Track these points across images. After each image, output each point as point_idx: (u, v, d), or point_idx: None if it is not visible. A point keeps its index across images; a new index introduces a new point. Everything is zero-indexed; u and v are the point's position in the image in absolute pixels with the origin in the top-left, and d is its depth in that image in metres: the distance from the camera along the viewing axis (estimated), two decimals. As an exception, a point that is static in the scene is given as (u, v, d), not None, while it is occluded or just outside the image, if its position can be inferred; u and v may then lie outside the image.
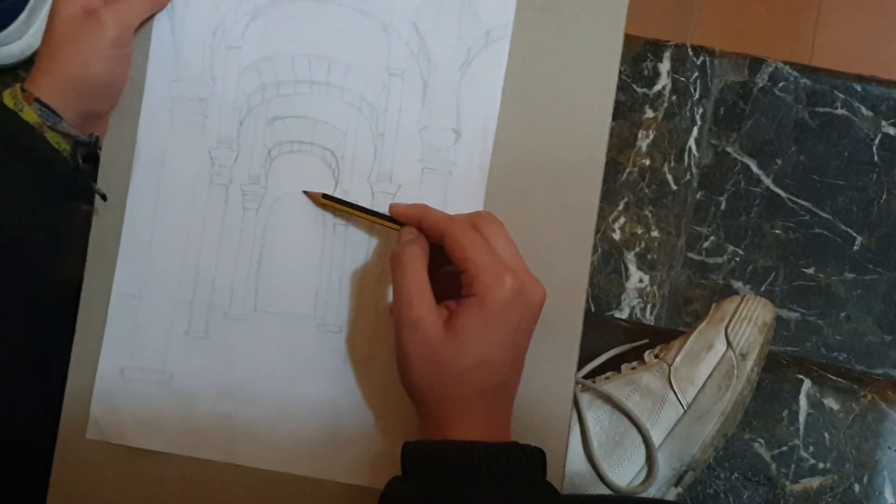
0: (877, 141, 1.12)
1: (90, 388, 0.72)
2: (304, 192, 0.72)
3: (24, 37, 1.16)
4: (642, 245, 1.12)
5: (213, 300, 0.72)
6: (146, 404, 0.72)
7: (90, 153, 0.72)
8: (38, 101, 0.67)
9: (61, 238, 0.73)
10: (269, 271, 0.72)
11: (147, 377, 0.72)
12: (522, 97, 0.72)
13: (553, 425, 0.69)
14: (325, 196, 0.71)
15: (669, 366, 0.84)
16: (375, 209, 0.71)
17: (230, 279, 0.72)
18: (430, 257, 0.67)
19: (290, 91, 0.73)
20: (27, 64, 1.18)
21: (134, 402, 0.72)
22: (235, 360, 0.72)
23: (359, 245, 0.72)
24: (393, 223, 0.70)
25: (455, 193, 0.72)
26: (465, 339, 0.62)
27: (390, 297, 0.72)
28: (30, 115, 0.67)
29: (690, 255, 1.12)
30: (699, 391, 0.83)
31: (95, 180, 0.72)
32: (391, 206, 0.71)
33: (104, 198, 0.72)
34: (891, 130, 1.12)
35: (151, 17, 0.73)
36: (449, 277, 0.66)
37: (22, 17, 1.15)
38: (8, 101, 0.68)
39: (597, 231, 0.74)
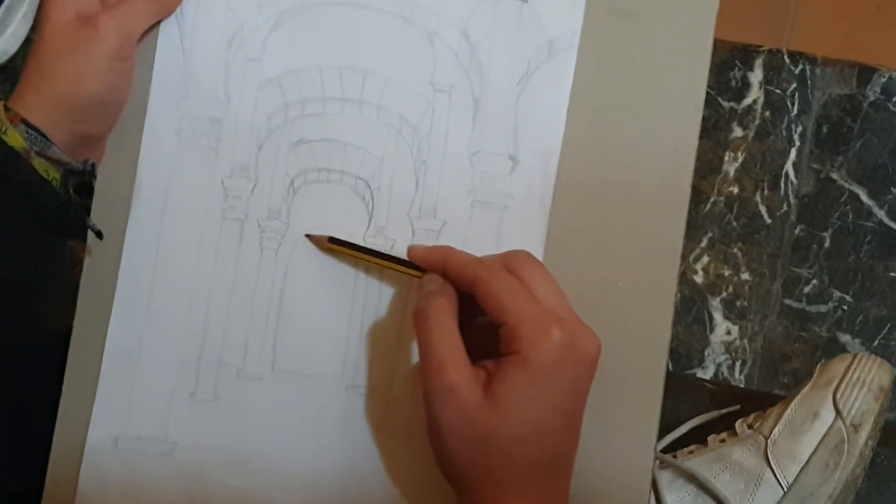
0: None
1: (78, 460, 0.72)
2: (307, 237, 0.73)
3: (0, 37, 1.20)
4: (730, 290, 1.12)
5: (223, 357, 0.73)
6: (144, 479, 0.72)
7: (84, 183, 0.72)
8: (24, 122, 0.68)
9: (48, 281, 0.73)
10: (289, 323, 0.73)
11: (145, 447, 0.72)
12: (592, 117, 0.72)
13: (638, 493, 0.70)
14: (331, 240, 0.72)
15: (766, 438, 0.84)
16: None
17: (244, 333, 0.73)
18: (460, 309, 0.67)
19: (317, 110, 0.74)
20: (2, 70, 1.21)
21: (130, 476, 0.72)
22: (249, 427, 0.72)
23: (398, 293, 0.73)
24: (413, 269, 0.70)
25: (511, 231, 0.72)
26: (509, 407, 0.62)
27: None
28: (15, 138, 0.68)
29: (788, 301, 1.13)
30: (802, 469, 0.83)
31: (89, 214, 0.73)
32: (410, 249, 0.72)
33: (99, 235, 0.73)
34: None
35: (157, 24, 0.74)
36: (484, 331, 0.66)
37: (-3, 17, 1.18)
38: None
39: (676, 273, 0.75)
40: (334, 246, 0.72)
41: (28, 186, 0.69)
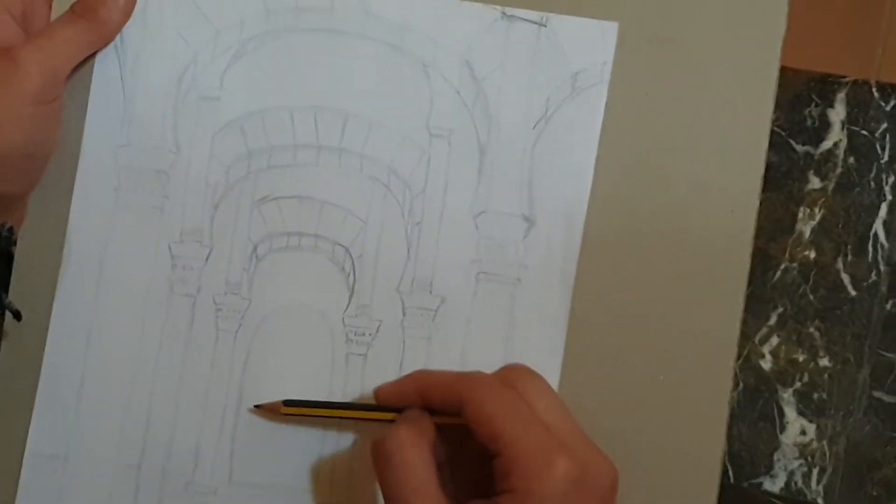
0: None
1: None
2: (255, 408, 0.73)
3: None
4: (806, 378, 1.12)
5: (169, 466, 0.73)
6: None
7: (1, 251, 0.73)
8: None
9: None
10: (251, 425, 0.73)
11: None
12: (626, 168, 0.74)
13: None
14: (286, 403, 0.72)
15: None
16: (408, 335, 0.73)
17: (195, 436, 0.73)
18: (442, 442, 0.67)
19: (287, 160, 0.75)
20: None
21: None
22: None
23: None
24: (388, 413, 0.70)
25: (526, 310, 0.73)
26: None
27: None
28: None
29: (878, 394, 1.12)
30: None
31: (7, 289, 0.73)
32: (376, 391, 0.72)
33: (17, 316, 0.73)
34: None
35: (92, 56, 0.75)
36: (473, 464, 0.67)
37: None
38: None
39: (737, 358, 0.75)
40: (291, 410, 0.73)
41: None
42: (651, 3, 0.74)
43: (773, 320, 1.14)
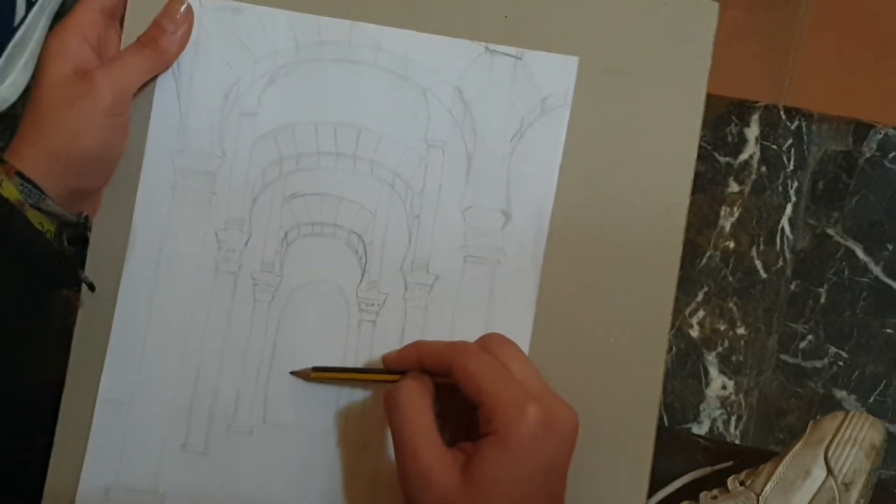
0: None
1: (64, 510, 0.72)
2: (290, 373, 0.73)
3: (2, 84, 1.21)
4: (726, 344, 1.12)
5: (214, 410, 0.73)
6: None
7: (78, 235, 0.72)
8: (19, 174, 0.68)
9: (41, 332, 0.73)
10: (281, 376, 0.73)
11: (136, 499, 0.72)
12: (585, 174, 0.73)
13: None
14: (314, 370, 0.72)
15: (758, 496, 0.84)
16: (409, 306, 0.72)
17: (236, 385, 0.73)
18: (437, 397, 0.67)
19: (311, 164, 0.74)
20: (1, 119, 1.22)
21: None
22: (240, 479, 0.72)
23: (387, 348, 0.73)
24: (392, 375, 0.70)
25: (503, 286, 0.73)
26: (489, 489, 0.62)
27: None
28: (10, 190, 0.68)
29: (784, 357, 1.12)
30: None
31: (83, 267, 0.73)
32: (383, 358, 0.71)
33: (92, 287, 0.73)
34: None
35: (153, 78, 0.74)
36: (461, 415, 0.66)
37: (-2, 66, 1.20)
38: None
39: (671, 327, 0.75)
40: (319, 374, 0.72)
41: (22, 237, 0.69)
42: (604, 41, 0.73)
43: (699, 297, 1.14)
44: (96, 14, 0.73)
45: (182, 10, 0.74)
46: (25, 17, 1.21)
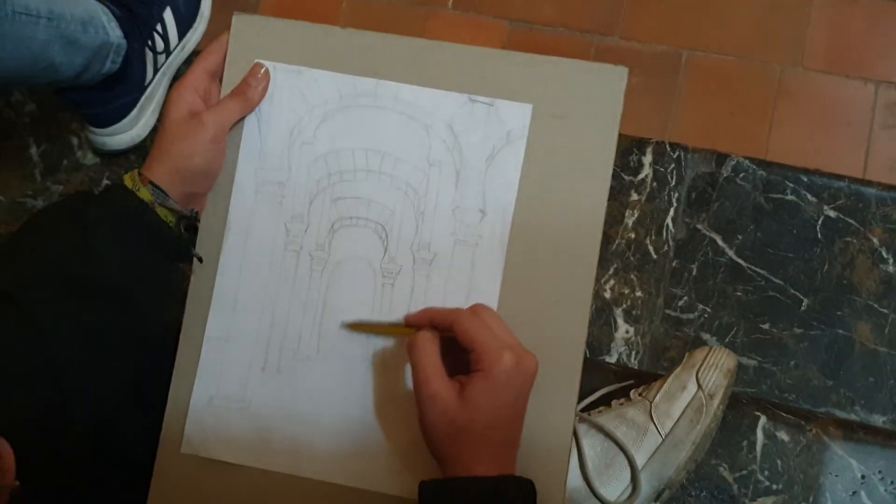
0: (820, 222, 1.12)
1: (185, 413, 0.71)
2: (342, 325, 0.71)
3: (135, 128, 1.19)
4: (628, 303, 1.11)
5: (284, 343, 0.72)
6: (229, 426, 0.72)
7: (190, 225, 0.72)
8: (151, 183, 0.68)
9: (166, 292, 0.73)
10: (329, 321, 0.72)
11: (230, 404, 0.72)
12: (536, 184, 0.71)
13: (556, 451, 0.68)
14: (356, 324, 0.71)
15: (651, 402, 0.83)
16: (416, 273, 0.71)
17: (298, 327, 0.72)
18: (443, 346, 0.66)
19: (350, 178, 0.73)
20: (137, 149, 1.21)
21: (219, 423, 0.72)
22: (301, 391, 0.71)
23: (402, 303, 0.72)
24: (410, 329, 0.69)
25: (480, 261, 0.71)
26: (476, 406, 0.61)
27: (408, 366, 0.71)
28: (144, 194, 0.67)
29: (668, 311, 1.11)
30: (675, 424, 0.81)
31: (194, 246, 0.73)
32: (405, 318, 0.70)
33: (200, 260, 0.73)
34: (831, 213, 1.12)
35: (243, 118, 0.73)
36: (459, 358, 0.65)
37: (133, 112, 1.18)
38: (128, 182, 0.68)
39: (593, 291, 0.74)
40: (359, 326, 0.71)
41: (154, 227, 0.68)
42: (549, 95, 0.71)
43: (611, 271, 1.13)
44: (204, 73, 0.72)
45: (262, 71, 0.73)
46: (153, 79, 1.20)
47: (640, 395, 0.85)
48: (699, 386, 0.83)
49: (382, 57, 0.72)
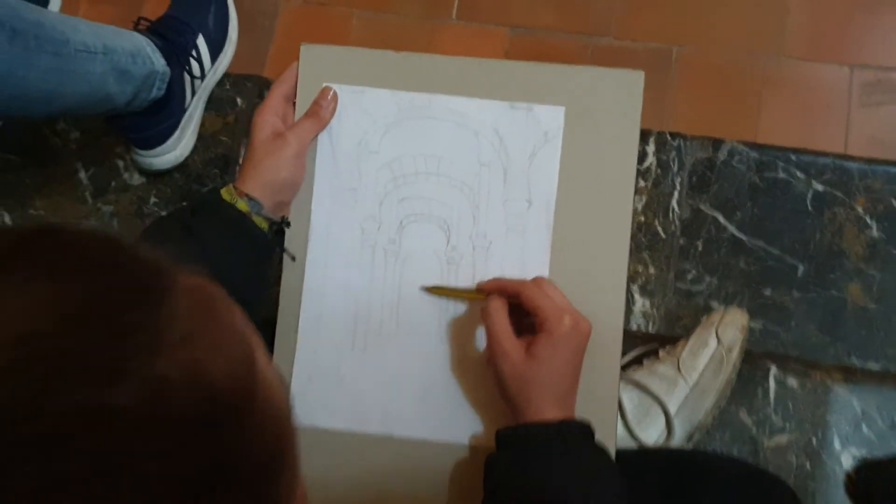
0: (809, 195, 1.25)
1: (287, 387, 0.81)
2: (421, 288, 0.81)
3: (178, 148, 1.31)
4: (643, 279, 1.21)
5: (368, 325, 0.81)
6: (327, 398, 0.81)
7: (281, 229, 0.81)
8: (246, 195, 0.77)
9: (264, 290, 0.82)
10: (405, 304, 0.81)
11: (327, 380, 0.81)
12: (573, 176, 0.81)
13: (607, 401, 0.79)
14: (434, 287, 0.80)
15: (678, 358, 0.95)
16: (476, 258, 0.81)
17: (379, 310, 0.81)
18: (511, 312, 0.74)
19: (413, 180, 0.83)
20: (180, 167, 1.32)
21: (319, 397, 0.81)
22: (387, 363, 0.80)
23: (466, 284, 0.81)
24: (482, 295, 0.78)
25: (529, 244, 0.81)
26: (542, 361, 0.70)
27: (480, 329, 0.81)
28: (242, 205, 0.77)
29: (679, 284, 1.22)
30: (700, 375, 0.94)
31: (283, 246, 0.82)
32: (478, 286, 0.80)
33: (293, 259, 0.82)
34: (819, 187, 1.25)
35: (316, 136, 0.82)
36: (525, 322, 0.74)
37: (176, 134, 1.30)
38: (226, 196, 0.77)
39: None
40: (437, 290, 0.81)
41: (252, 233, 0.78)
42: (579, 98, 0.81)
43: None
44: (280, 98, 0.83)
45: (331, 93, 0.83)
46: (191, 102, 1.32)
47: (667, 353, 0.98)
48: (719, 341, 0.96)
49: (433, 74, 0.83)
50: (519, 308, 0.75)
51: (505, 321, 0.74)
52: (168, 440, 0.30)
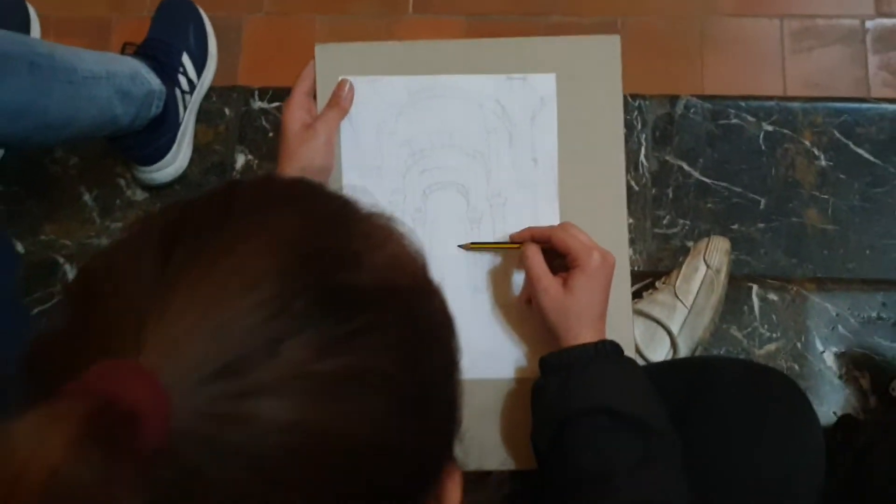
0: (761, 136, 1.38)
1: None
2: (459, 246, 0.90)
3: (176, 160, 1.40)
4: None
5: None
6: None
7: None
8: None
9: None
10: (436, 264, 0.84)
11: None
12: (570, 133, 0.90)
13: (624, 327, 0.89)
14: (472, 244, 0.89)
15: (674, 286, 1.07)
16: (494, 215, 0.91)
17: None
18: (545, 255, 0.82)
19: (430, 153, 0.92)
20: (179, 180, 1.41)
21: None
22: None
23: (487, 238, 0.91)
24: (516, 245, 0.87)
25: (539, 198, 0.91)
26: (578, 294, 0.79)
27: (513, 276, 0.90)
28: None
29: (656, 230, 1.34)
30: (695, 297, 1.06)
31: None
32: (510, 236, 0.88)
33: None
34: (769, 128, 1.38)
35: (339, 123, 0.91)
36: (559, 262, 0.82)
37: (173, 148, 1.39)
38: None
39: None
40: (474, 246, 0.89)
41: None
42: (567, 65, 0.90)
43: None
44: (303, 94, 0.92)
45: (347, 85, 0.93)
46: (183, 116, 1.40)
47: (663, 283, 1.10)
48: (707, 266, 1.08)
49: (435, 58, 0.94)
50: (548, 252, 0.84)
51: (542, 263, 0.83)
52: (400, 304, 0.42)
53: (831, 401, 1.09)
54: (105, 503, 0.31)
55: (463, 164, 0.93)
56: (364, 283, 0.40)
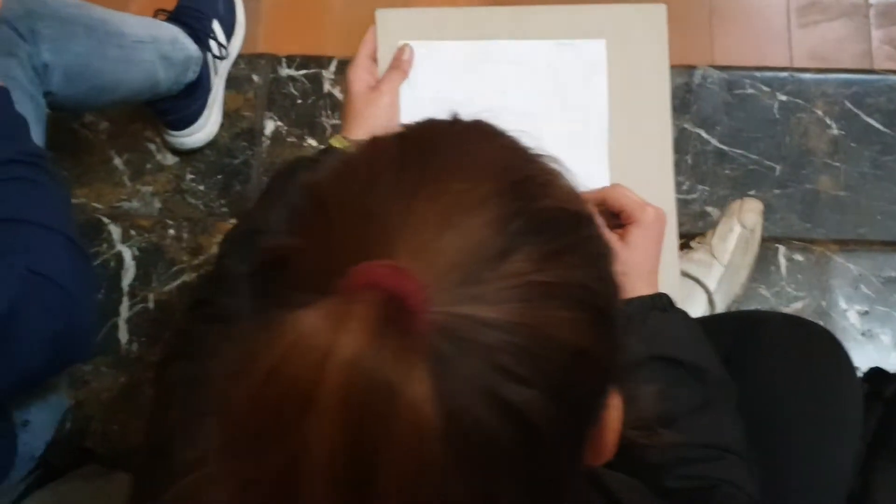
0: (775, 106, 1.45)
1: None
2: None
3: (207, 125, 1.44)
4: None
5: None
6: None
7: None
8: (354, 142, 0.88)
9: None
10: None
11: None
12: (619, 96, 0.94)
13: (672, 283, 0.91)
14: None
15: (710, 245, 1.13)
16: None
17: None
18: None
19: (485, 116, 0.97)
20: (209, 145, 1.45)
21: None
22: None
23: None
24: None
25: (590, 158, 0.94)
26: (635, 248, 0.81)
27: None
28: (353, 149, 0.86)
29: (677, 196, 1.36)
30: (731, 255, 1.12)
31: None
32: None
33: None
34: (783, 98, 1.45)
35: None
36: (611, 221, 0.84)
37: (205, 113, 1.42)
38: (337, 144, 0.89)
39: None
40: None
41: None
42: (617, 33, 0.94)
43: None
44: (365, 57, 0.96)
45: (408, 49, 0.96)
46: (214, 82, 1.44)
47: (698, 243, 1.16)
48: (742, 225, 1.14)
49: (490, 24, 0.98)
50: (602, 212, 0.87)
51: (599, 221, 0.88)
52: (584, 227, 0.47)
53: (854, 356, 1.15)
54: (399, 386, 0.36)
55: (517, 125, 0.96)
56: (557, 207, 0.46)
